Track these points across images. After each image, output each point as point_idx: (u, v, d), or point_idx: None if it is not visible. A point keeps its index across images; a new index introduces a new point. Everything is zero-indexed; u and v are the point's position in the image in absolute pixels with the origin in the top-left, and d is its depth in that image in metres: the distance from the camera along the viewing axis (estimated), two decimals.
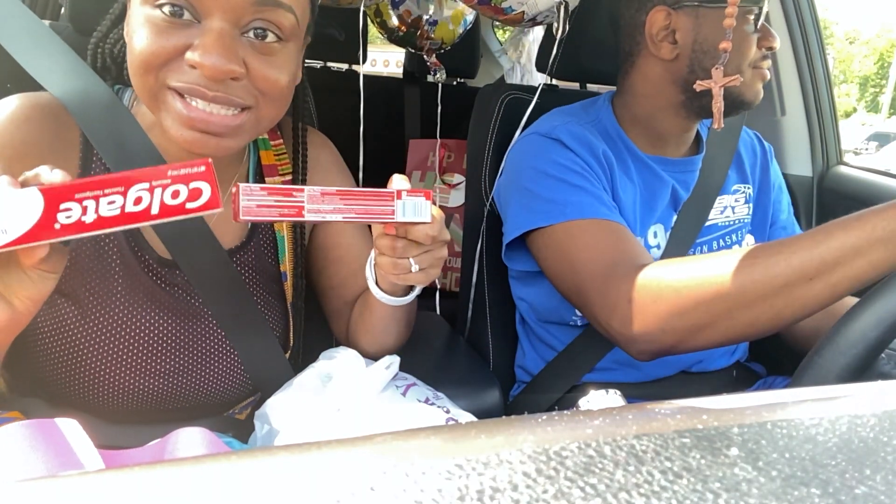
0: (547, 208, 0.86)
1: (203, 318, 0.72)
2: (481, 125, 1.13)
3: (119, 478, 0.20)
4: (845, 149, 1.49)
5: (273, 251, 0.77)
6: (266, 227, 0.77)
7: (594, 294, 0.79)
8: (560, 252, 0.84)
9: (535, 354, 1.04)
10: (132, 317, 0.67)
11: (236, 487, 0.20)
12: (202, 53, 0.57)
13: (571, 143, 0.89)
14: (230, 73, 0.58)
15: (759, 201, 1.06)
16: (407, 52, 2.26)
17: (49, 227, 0.45)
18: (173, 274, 0.70)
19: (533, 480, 0.20)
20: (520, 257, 0.97)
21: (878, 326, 0.52)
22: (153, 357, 0.69)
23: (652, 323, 0.71)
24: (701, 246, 0.98)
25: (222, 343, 0.73)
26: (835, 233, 0.63)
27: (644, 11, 0.90)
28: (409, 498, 0.19)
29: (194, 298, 0.71)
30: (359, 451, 0.22)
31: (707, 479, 0.20)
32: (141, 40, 0.59)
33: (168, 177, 0.48)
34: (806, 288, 0.63)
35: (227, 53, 0.58)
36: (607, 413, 0.26)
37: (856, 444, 0.23)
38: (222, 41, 0.58)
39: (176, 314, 0.70)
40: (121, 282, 0.67)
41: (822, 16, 1.46)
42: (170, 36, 0.58)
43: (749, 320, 0.67)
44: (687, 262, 0.73)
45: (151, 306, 0.68)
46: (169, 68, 0.59)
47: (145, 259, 0.68)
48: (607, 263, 0.78)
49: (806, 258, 0.63)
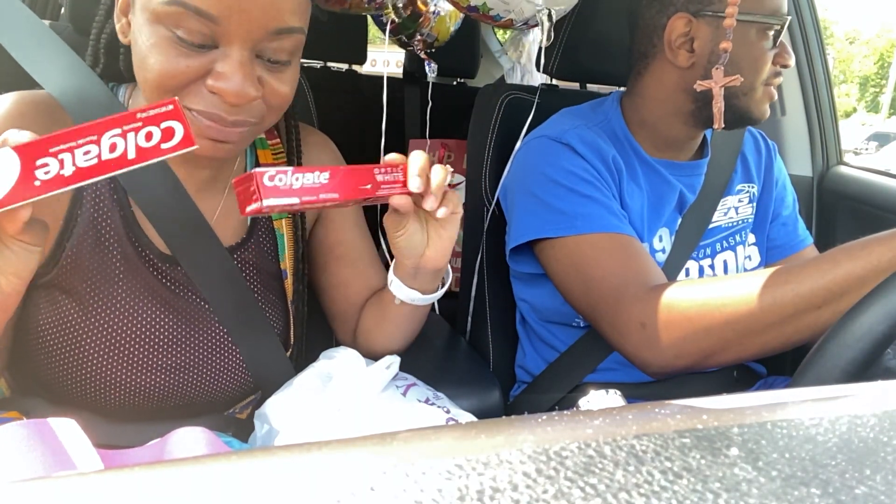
0: (556, 219, 0.86)
1: (205, 315, 0.72)
2: (481, 125, 1.13)
3: (119, 478, 0.20)
4: (845, 149, 1.49)
5: (273, 249, 0.77)
6: (265, 224, 0.77)
7: (606, 315, 0.80)
8: (570, 266, 0.85)
9: (535, 355, 1.04)
10: (134, 312, 0.67)
11: (236, 487, 0.20)
12: (226, 83, 0.58)
13: (582, 150, 0.89)
14: (252, 99, 0.59)
15: (762, 200, 1.06)
16: (407, 52, 2.26)
17: (29, 185, 0.45)
18: (175, 270, 0.69)
19: (533, 480, 0.20)
20: (525, 259, 0.97)
21: (885, 320, 0.52)
22: (155, 353, 0.69)
23: (665, 349, 0.73)
24: (704, 248, 0.98)
25: (224, 340, 0.73)
26: (841, 262, 0.65)
27: (665, 15, 0.89)
28: (409, 498, 0.19)
29: (196, 295, 0.71)
30: (359, 451, 0.22)
31: (707, 479, 0.20)
32: (156, 62, 0.58)
33: (138, 119, 0.48)
34: (814, 316, 0.65)
35: (250, 82, 0.59)
36: (607, 413, 0.26)
37: (856, 444, 0.23)
38: (244, 70, 0.58)
39: (178, 310, 0.70)
40: (122, 277, 0.67)
41: (822, 16, 1.46)
42: (188, 60, 0.58)
43: (759, 345, 0.69)
44: (698, 286, 0.74)
45: (153, 302, 0.68)
46: (188, 91, 0.59)
47: (146, 254, 0.68)
48: (618, 284, 0.79)
49: (814, 287, 0.65)
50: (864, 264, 0.63)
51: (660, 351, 0.73)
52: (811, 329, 0.66)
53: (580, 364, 0.97)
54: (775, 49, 0.86)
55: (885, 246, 0.63)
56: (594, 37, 1.11)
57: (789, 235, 1.06)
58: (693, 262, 0.96)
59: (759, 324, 0.67)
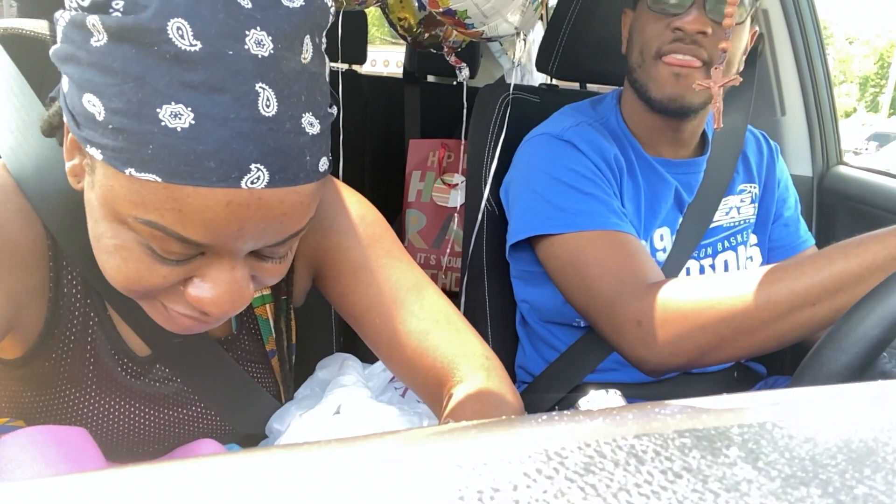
0: (556, 215, 0.86)
1: (191, 404, 0.66)
2: (481, 125, 1.13)
3: (119, 478, 0.20)
4: (845, 149, 1.49)
5: (258, 333, 0.69)
6: (248, 313, 0.68)
7: (603, 313, 0.80)
8: (569, 264, 0.85)
9: (536, 355, 1.04)
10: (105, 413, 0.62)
11: (236, 487, 0.20)
12: (210, 296, 0.46)
13: (584, 147, 0.89)
14: (242, 307, 0.49)
15: (764, 200, 1.06)
16: (407, 52, 2.26)
17: None
18: (155, 368, 0.63)
19: (533, 480, 0.20)
20: (525, 257, 0.97)
21: (880, 324, 0.52)
22: (135, 444, 0.64)
23: (660, 347, 0.73)
24: (705, 248, 0.98)
25: (213, 419, 0.67)
26: (836, 259, 0.65)
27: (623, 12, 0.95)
28: (410, 498, 0.19)
29: (179, 385, 0.65)
30: (359, 451, 0.22)
31: (707, 479, 0.20)
32: (122, 266, 0.45)
33: None
34: (809, 312, 0.65)
35: (238, 295, 0.47)
36: (607, 413, 0.26)
37: (856, 444, 0.23)
38: (233, 284, 0.46)
39: (157, 400, 0.64)
40: (93, 383, 0.61)
41: (822, 16, 1.46)
42: (165, 269, 0.45)
43: (754, 343, 0.69)
44: (694, 283, 0.74)
45: (129, 399, 0.62)
46: (161, 292, 0.48)
47: (122, 361, 0.61)
48: (616, 281, 0.79)
49: (808, 284, 0.65)
50: (859, 261, 0.63)
51: (656, 348, 0.73)
52: (806, 326, 0.66)
53: (580, 364, 0.97)
54: (673, 18, 0.83)
55: (880, 243, 0.63)
56: (594, 37, 1.11)
57: (791, 236, 1.06)
58: (694, 261, 0.96)
59: (754, 321, 0.67)
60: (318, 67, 0.44)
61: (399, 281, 0.62)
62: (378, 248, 0.63)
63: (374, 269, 0.61)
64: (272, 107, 0.40)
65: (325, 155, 0.46)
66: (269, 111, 0.40)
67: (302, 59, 0.42)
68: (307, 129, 0.43)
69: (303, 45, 0.42)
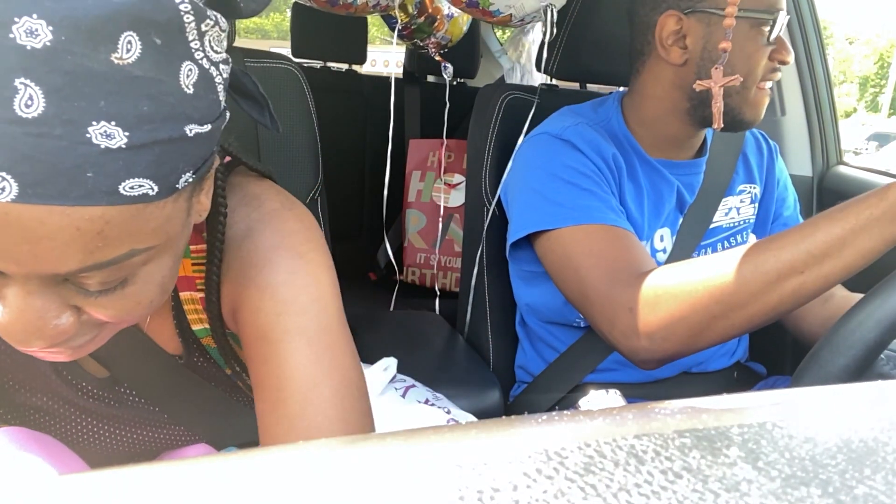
0: (554, 211, 0.86)
1: (161, 424, 0.64)
2: (481, 125, 1.13)
3: (119, 478, 0.20)
4: (845, 149, 1.49)
5: (213, 360, 0.64)
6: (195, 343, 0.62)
7: (596, 303, 0.79)
8: (565, 257, 0.84)
9: (535, 355, 1.04)
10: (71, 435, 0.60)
11: (236, 487, 0.20)
12: (9, 318, 0.40)
13: (582, 146, 0.89)
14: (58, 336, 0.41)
15: (763, 200, 1.06)
16: (407, 52, 2.26)
17: None
18: (114, 389, 0.61)
19: (533, 480, 0.20)
20: (525, 257, 0.97)
21: (876, 327, 0.52)
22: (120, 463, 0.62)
23: (653, 331, 0.72)
24: (705, 248, 0.98)
25: (183, 434, 0.66)
26: (821, 225, 0.65)
27: (657, 12, 0.88)
28: (410, 498, 0.19)
29: (142, 403, 0.62)
30: (359, 451, 0.22)
31: (707, 479, 0.20)
32: None
33: None
34: (798, 281, 0.65)
35: (37, 329, 0.40)
36: (607, 413, 0.26)
37: (856, 444, 0.23)
38: (26, 315, 0.39)
39: (122, 420, 0.62)
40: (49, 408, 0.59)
41: (822, 16, 1.46)
42: None
43: (746, 317, 0.68)
44: (683, 266, 0.73)
45: (92, 420, 0.61)
46: None
47: (81, 385, 0.59)
48: (609, 270, 0.79)
49: (794, 252, 0.65)
50: (843, 224, 0.63)
51: (648, 334, 0.72)
52: (796, 296, 0.66)
53: (580, 364, 0.97)
54: (772, 45, 0.85)
55: (862, 204, 0.63)
56: (594, 37, 1.11)
57: None
58: None
59: (743, 294, 0.67)
60: (150, 72, 0.36)
61: (294, 371, 0.50)
62: (291, 323, 0.51)
63: (275, 346, 0.51)
64: (35, 107, 0.33)
65: (139, 176, 0.37)
66: (29, 112, 0.33)
67: (114, 58, 0.35)
68: (96, 141, 0.35)
69: (118, 43, 0.35)
